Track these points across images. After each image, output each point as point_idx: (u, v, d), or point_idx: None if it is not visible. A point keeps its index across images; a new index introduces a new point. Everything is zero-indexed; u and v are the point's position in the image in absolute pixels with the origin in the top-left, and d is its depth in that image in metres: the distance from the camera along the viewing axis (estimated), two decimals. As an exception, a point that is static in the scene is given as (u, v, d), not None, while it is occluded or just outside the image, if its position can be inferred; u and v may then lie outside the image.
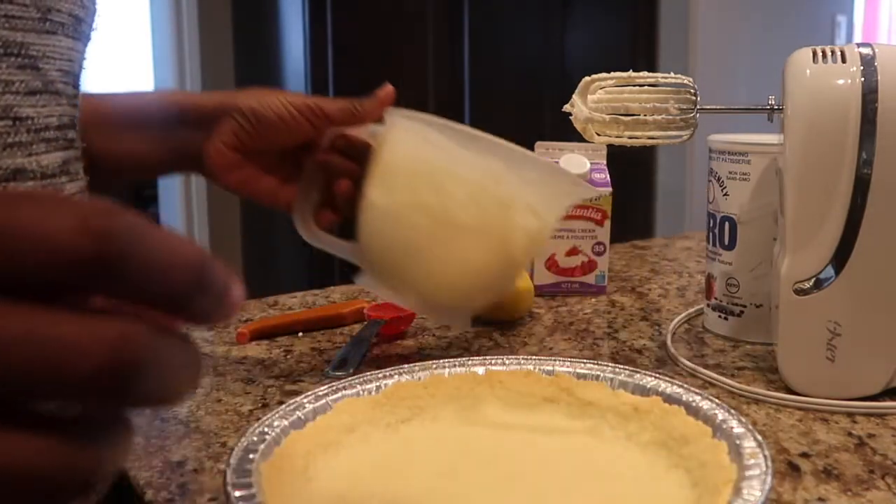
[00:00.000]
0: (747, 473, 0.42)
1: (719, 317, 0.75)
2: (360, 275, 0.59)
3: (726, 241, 0.73)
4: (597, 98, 0.65)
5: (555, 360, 0.58)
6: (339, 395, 0.53)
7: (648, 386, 0.54)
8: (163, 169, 0.73)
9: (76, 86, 0.57)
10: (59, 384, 0.20)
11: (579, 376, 0.56)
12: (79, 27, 0.55)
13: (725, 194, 0.72)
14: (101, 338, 0.20)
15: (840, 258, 0.57)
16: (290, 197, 0.66)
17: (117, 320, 0.21)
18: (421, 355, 0.71)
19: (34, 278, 0.20)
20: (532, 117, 2.49)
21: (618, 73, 0.65)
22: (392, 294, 0.60)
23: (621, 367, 0.56)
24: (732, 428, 0.47)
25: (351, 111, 0.63)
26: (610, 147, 0.73)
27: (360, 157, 0.60)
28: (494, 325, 0.79)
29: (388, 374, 0.56)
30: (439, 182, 0.53)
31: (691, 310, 0.82)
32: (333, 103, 0.64)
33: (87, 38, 0.58)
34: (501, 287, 0.57)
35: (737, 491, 0.41)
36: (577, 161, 0.89)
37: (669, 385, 0.53)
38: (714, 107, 0.65)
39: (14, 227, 0.20)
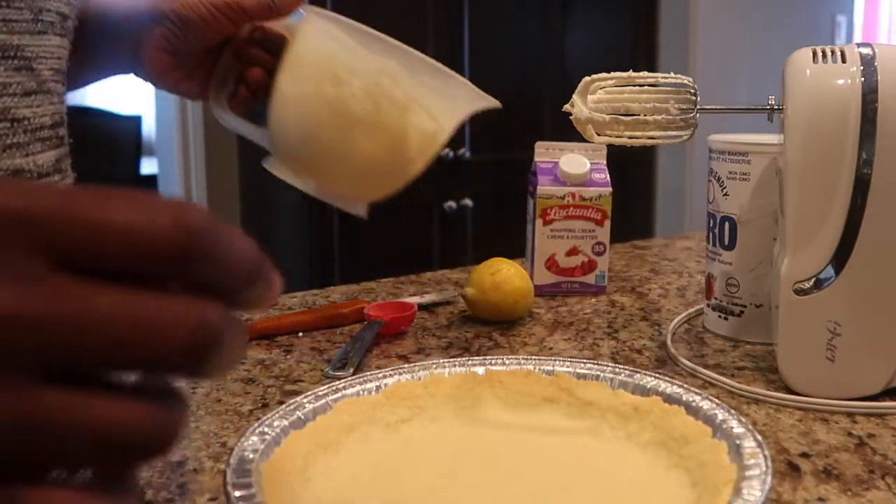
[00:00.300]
0: (747, 473, 0.42)
1: (719, 317, 0.75)
2: (267, 159, 0.63)
3: (726, 241, 0.73)
4: (597, 98, 0.65)
5: (555, 360, 0.58)
6: (339, 395, 0.53)
7: (648, 386, 0.54)
8: (99, 77, 0.77)
9: (63, 83, 0.58)
10: (147, 358, 0.23)
11: (579, 376, 0.56)
12: (64, 24, 0.57)
13: (725, 194, 0.72)
14: (185, 318, 0.23)
15: (840, 258, 0.57)
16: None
17: (196, 303, 0.23)
18: (421, 355, 0.71)
19: (133, 267, 0.23)
20: (532, 117, 2.49)
21: (618, 73, 0.65)
22: (294, 178, 0.63)
23: (621, 367, 0.56)
24: (732, 428, 0.47)
25: (268, 5, 0.66)
26: (610, 147, 0.73)
27: (275, 49, 0.65)
28: (494, 325, 0.79)
29: (388, 374, 0.56)
30: (339, 76, 0.57)
31: (691, 310, 0.82)
32: None
33: (71, 35, 0.59)
34: (395, 181, 0.61)
35: (737, 491, 0.41)
36: (577, 161, 0.89)
37: (669, 385, 0.53)
38: (714, 107, 0.65)
39: (120, 223, 0.23)
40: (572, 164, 0.88)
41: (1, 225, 0.22)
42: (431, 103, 0.59)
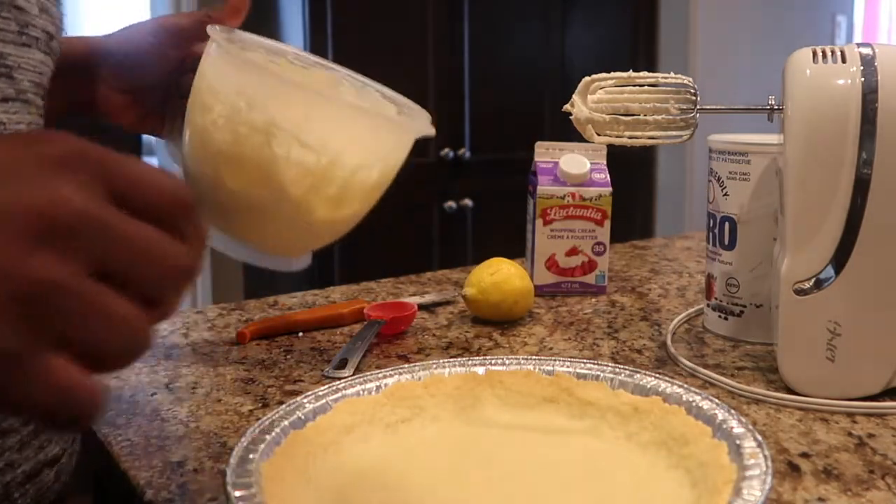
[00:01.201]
0: (747, 473, 0.42)
1: (719, 317, 0.75)
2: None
3: (726, 241, 0.73)
4: (597, 98, 0.65)
5: (555, 360, 0.58)
6: (339, 395, 0.53)
7: (648, 386, 0.54)
8: (52, 118, 0.73)
9: (44, 97, 0.59)
10: (150, 273, 0.32)
11: (579, 376, 0.56)
12: (50, 43, 0.58)
13: (725, 194, 0.72)
14: (181, 249, 0.32)
15: (840, 258, 0.57)
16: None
17: (178, 242, 0.32)
18: (421, 355, 0.71)
19: (150, 210, 0.32)
20: (532, 117, 2.49)
21: (618, 73, 0.65)
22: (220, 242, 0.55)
23: (621, 367, 0.56)
24: (732, 428, 0.47)
25: (205, 21, 0.60)
26: (610, 147, 0.73)
27: None
28: (494, 325, 0.79)
29: (388, 374, 0.56)
30: (205, 103, 0.50)
31: (691, 310, 0.82)
32: (188, 17, 0.64)
33: (56, 54, 0.60)
34: (282, 226, 0.51)
35: (737, 491, 0.41)
36: (577, 161, 0.89)
37: (669, 385, 0.53)
38: (714, 107, 0.65)
39: (152, 179, 0.32)
40: (572, 164, 0.88)
41: (80, 156, 0.31)
42: (310, 129, 0.48)
